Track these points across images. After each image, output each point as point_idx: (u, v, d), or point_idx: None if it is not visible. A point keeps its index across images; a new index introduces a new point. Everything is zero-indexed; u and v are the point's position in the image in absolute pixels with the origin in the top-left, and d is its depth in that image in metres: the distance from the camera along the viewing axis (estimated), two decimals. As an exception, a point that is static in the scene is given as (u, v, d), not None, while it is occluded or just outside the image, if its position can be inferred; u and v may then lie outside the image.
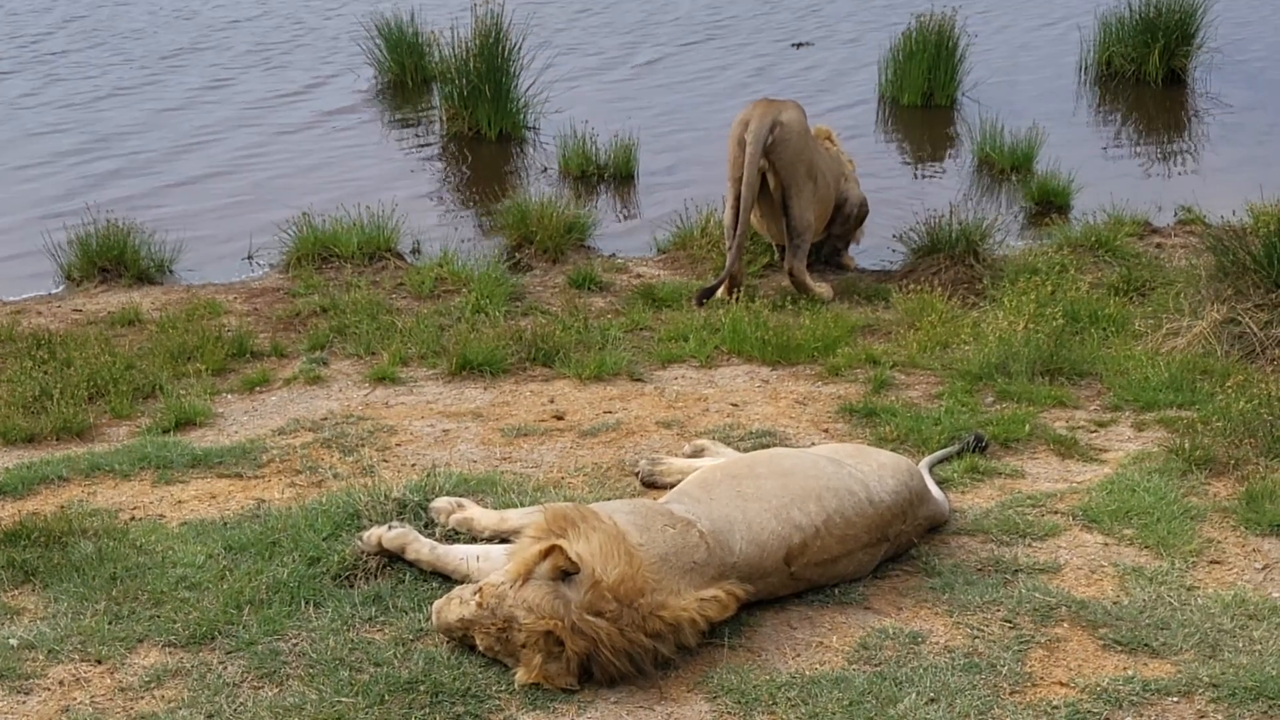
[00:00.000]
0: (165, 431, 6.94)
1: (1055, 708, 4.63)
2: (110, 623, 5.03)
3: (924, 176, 12.22)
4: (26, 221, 10.61)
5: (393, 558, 5.29)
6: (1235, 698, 4.66)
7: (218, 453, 6.55)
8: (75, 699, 4.64)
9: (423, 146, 12.76)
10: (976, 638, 5.02)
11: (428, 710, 4.58)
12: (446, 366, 7.72)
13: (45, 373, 7.52)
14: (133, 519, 5.86)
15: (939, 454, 6.42)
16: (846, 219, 9.89)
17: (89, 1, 17.55)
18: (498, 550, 5.15)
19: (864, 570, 5.40)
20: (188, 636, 4.95)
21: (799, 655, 4.94)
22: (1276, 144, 12.72)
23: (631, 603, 4.68)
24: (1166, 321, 8.10)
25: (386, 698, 4.61)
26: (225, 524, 5.73)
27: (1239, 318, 7.83)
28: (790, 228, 9.21)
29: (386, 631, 4.98)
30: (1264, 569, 5.54)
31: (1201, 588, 5.38)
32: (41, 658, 4.84)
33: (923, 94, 13.59)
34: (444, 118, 12.95)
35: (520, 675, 4.68)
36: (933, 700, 4.64)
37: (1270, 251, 7.92)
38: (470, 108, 12.61)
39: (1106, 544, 5.70)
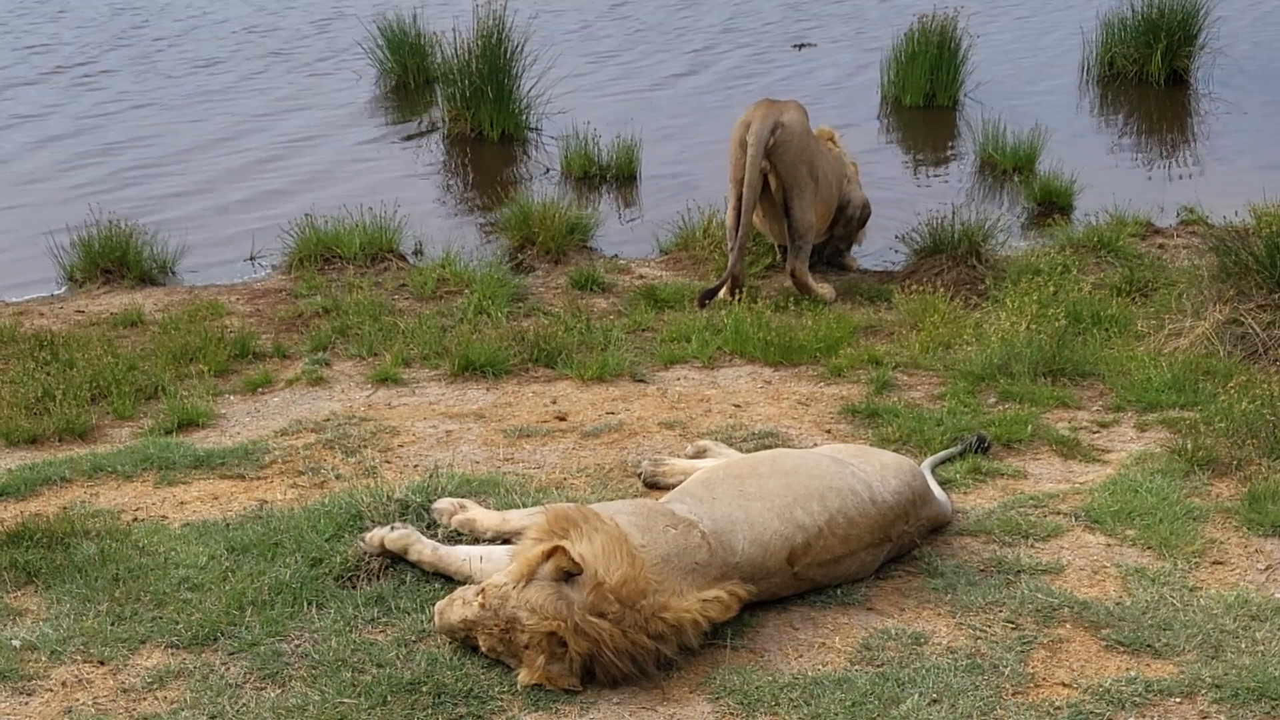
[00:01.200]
0: (167, 432, 6.95)
1: (1058, 708, 4.62)
2: (113, 624, 5.03)
3: (926, 177, 12.22)
4: (29, 223, 10.62)
5: (395, 559, 5.29)
6: (1238, 698, 4.66)
7: (220, 454, 6.55)
8: (78, 700, 4.65)
9: (425, 147, 12.77)
10: (979, 638, 5.02)
11: (430, 711, 4.58)
12: (449, 367, 7.72)
13: (48, 374, 7.52)
14: (135, 520, 5.87)
15: (941, 454, 6.42)
16: (849, 220, 9.89)
17: (91, 5, 17.58)
18: (500, 551, 5.16)
19: (866, 571, 5.40)
20: (190, 637, 4.95)
21: (801, 656, 4.93)
22: (1279, 144, 12.71)
23: (634, 603, 4.68)
24: (1169, 322, 8.09)
25: (389, 699, 4.61)
26: (227, 525, 5.73)
27: (1241, 318, 7.82)
28: (792, 229, 9.21)
29: (389, 632, 4.98)
30: (1267, 569, 5.53)
31: (1204, 588, 5.38)
32: (44, 659, 4.84)
33: (925, 95, 13.59)
34: (446, 118, 12.96)
35: (523, 676, 4.68)
36: (935, 701, 4.64)
37: (1272, 252, 7.91)
38: (473, 108, 12.61)
39: (1109, 545, 5.70)
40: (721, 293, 9.02)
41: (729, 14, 17.36)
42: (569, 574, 4.67)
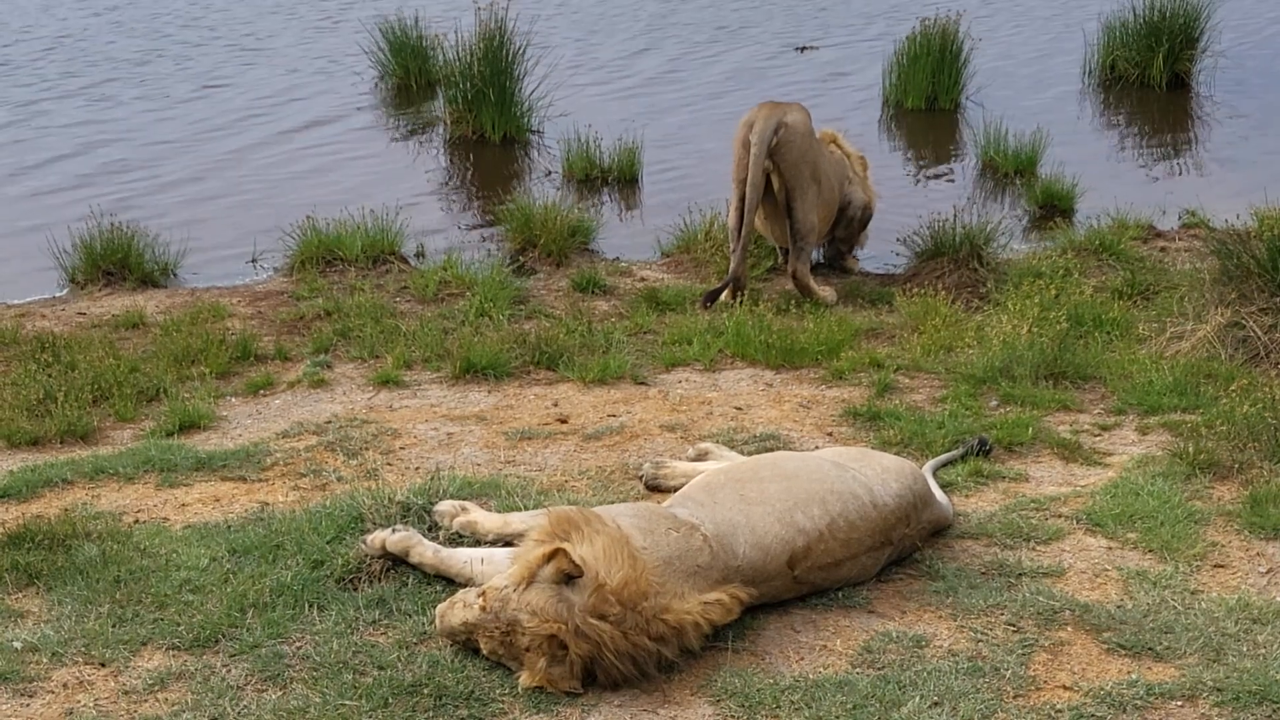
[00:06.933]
0: (169, 434, 6.95)
1: (1059, 711, 4.62)
2: (114, 625, 5.03)
3: (928, 180, 12.22)
4: (31, 224, 10.62)
5: (396, 561, 5.29)
6: (1239, 701, 4.66)
7: (221, 456, 6.55)
8: (79, 702, 4.65)
9: (427, 150, 12.77)
10: (980, 641, 5.02)
11: (431, 713, 4.58)
12: (450, 370, 7.72)
13: (49, 376, 7.52)
14: (137, 522, 5.87)
15: (943, 457, 6.42)
16: (850, 221, 9.89)
17: (95, 6, 17.60)
18: (501, 554, 5.16)
19: (868, 574, 5.40)
20: (191, 639, 4.95)
21: (802, 658, 4.94)
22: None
23: (635, 606, 4.68)
24: (1170, 325, 8.09)
25: (390, 701, 4.61)
26: (229, 527, 5.73)
27: (1243, 321, 7.82)
28: (794, 230, 9.21)
29: (390, 635, 4.98)
30: (1268, 573, 5.53)
31: (1205, 591, 5.38)
32: (45, 660, 4.84)
33: (926, 98, 13.60)
34: (448, 121, 12.96)
35: (524, 678, 4.68)
36: (936, 704, 4.64)
37: (1274, 255, 7.91)
38: (474, 111, 12.62)
39: (1110, 547, 5.70)
40: (724, 295, 9.02)
41: (731, 17, 17.37)
42: (570, 576, 4.67)
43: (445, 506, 5.54)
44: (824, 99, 13.52)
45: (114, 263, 9.60)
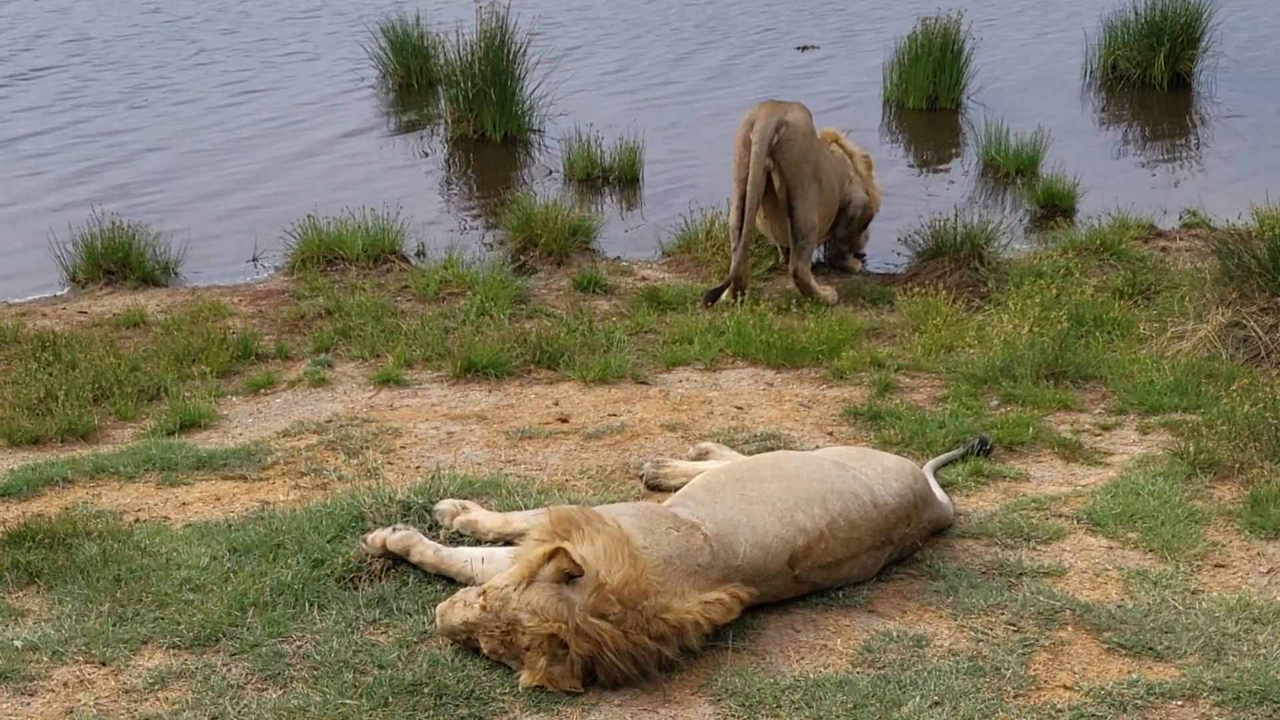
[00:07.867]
0: (170, 433, 6.95)
1: (1059, 711, 4.62)
2: (114, 624, 5.03)
3: (929, 179, 12.22)
4: (31, 223, 10.63)
5: (397, 560, 5.30)
6: (1239, 701, 4.66)
7: (222, 455, 6.55)
8: (79, 700, 4.65)
9: (428, 149, 12.77)
10: (980, 641, 5.02)
11: (431, 713, 4.58)
12: (451, 369, 7.72)
13: (50, 374, 7.52)
14: (137, 521, 5.87)
15: (943, 457, 6.42)
16: (850, 221, 9.89)
17: (96, 6, 17.61)
18: (502, 553, 5.16)
19: (868, 573, 5.40)
20: (192, 638, 4.95)
21: (803, 658, 4.94)
22: (1281, 147, 12.73)
23: (635, 605, 4.68)
24: (1171, 325, 8.09)
25: (390, 700, 4.62)
26: (230, 526, 5.73)
27: (1244, 321, 7.82)
28: (794, 229, 9.20)
29: (391, 634, 4.98)
30: (1269, 573, 5.53)
31: (1206, 591, 5.38)
32: (46, 659, 4.85)
33: (928, 97, 13.59)
34: (449, 120, 12.96)
35: (524, 678, 4.68)
36: (936, 703, 4.64)
37: (1275, 255, 7.91)
38: (475, 110, 12.62)
39: (1111, 547, 5.70)
40: (725, 294, 9.02)
41: (732, 16, 17.36)
42: (570, 576, 4.68)
43: (446, 505, 5.54)
44: (825, 98, 13.51)
45: (115, 262, 9.60)
